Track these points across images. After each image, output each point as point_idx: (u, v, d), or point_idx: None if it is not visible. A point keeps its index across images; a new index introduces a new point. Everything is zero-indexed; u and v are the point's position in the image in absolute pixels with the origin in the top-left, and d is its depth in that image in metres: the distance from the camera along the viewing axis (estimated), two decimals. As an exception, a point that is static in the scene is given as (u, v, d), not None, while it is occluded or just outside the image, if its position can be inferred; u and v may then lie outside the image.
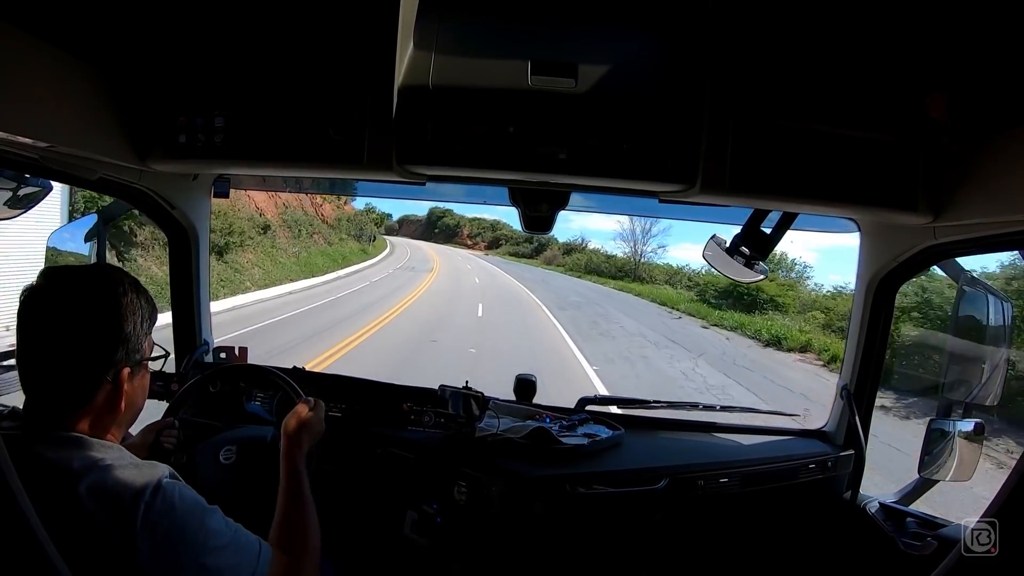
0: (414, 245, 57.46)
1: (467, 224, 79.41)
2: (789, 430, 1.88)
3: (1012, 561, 0.63)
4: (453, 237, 77.49)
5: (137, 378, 0.90)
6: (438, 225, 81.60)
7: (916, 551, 1.39)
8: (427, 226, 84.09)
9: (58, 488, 0.77)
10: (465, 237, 76.49)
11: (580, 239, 53.30)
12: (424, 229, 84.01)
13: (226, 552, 0.85)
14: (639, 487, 1.50)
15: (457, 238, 77.43)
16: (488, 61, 1.14)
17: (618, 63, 1.14)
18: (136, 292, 0.90)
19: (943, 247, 1.33)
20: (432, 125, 1.13)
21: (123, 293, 0.88)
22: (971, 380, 1.48)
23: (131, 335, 0.88)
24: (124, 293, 0.88)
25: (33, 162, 1.15)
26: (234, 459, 1.32)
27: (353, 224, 32.36)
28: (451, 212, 79.90)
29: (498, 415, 1.68)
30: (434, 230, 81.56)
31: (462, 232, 77.93)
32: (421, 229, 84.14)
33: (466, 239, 75.82)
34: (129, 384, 0.88)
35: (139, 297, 0.90)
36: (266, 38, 1.16)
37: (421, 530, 1.52)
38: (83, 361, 0.84)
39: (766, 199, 1.19)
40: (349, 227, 31.26)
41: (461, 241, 76.39)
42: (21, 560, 0.62)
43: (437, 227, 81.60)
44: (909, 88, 1.09)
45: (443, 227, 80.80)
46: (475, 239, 74.51)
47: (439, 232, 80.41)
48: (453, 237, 77.49)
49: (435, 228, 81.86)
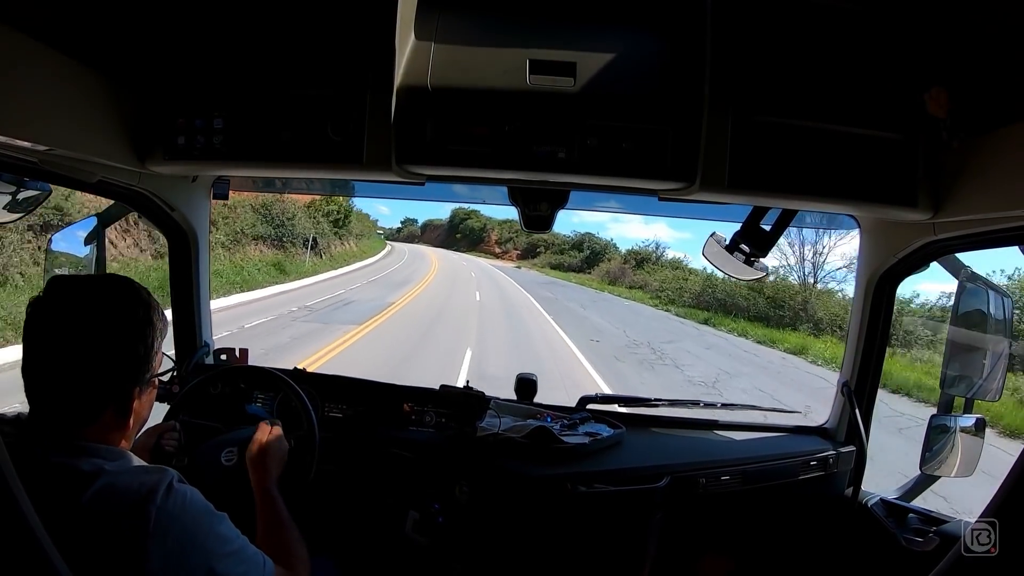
0: (418, 254, 45.82)
1: (495, 227, 64.57)
2: (790, 427, 1.88)
3: (1012, 561, 0.63)
4: (478, 244, 64.85)
5: (145, 394, 0.90)
6: (460, 229, 69.93)
7: (918, 547, 1.39)
8: (449, 231, 73.20)
9: (66, 492, 0.76)
10: (492, 243, 62.61)
11: (653, 246, 36.97)
12: (446, 235, 73.12)
13: (235, 559, 0.85)
14: (640, 485, 1.50)
15: (483, 245, 64.18)
16: (487, 61, 1.14)
17: (617, 62, 1.14)
18: (151, 309, 0.88)
19: (943, 243, 1.33)
20: (431, 125, 1.13)
21: (141, 313, 0.87)
22: (972, 376, 1.48)
23: (144, 355, 0.87)
24: (141, 313, 0.87)
25: (33, 165, 1.15)
26: (235, 460, 1.32)
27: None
28: (477, 214, 66.39)
29: (499, 414, 1.68)
30: (456, 235, 70.45)
31: (488, 237, 64.19)
32: (443, 234, 73.64)
33: (494, 246, 61.97)
34: (138, 401, 0.88)
35: (153, 314, 0.88)
36: (265, 39, 1.16)
37: (423, 530, 1.52)
38: (96, 381, 0.83)
39: (765, 196, 1.19)
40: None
41: (487, 249, 62.35)
42: (21, 564, 0.62)
43: (460, 231, 70.08)
44: (908, 84, 1.09)
45: (466, 231, 68.55)
46: (504, 246, 60.28)
47: (462, 238, 69.03)
48: (478, 244, 64.85)
49: (457, 233, 70.44)
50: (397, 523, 1.55)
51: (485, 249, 61.68)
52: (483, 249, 61.68)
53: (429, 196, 1.56)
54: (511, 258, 55.05)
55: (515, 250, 57.14)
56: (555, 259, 45.03)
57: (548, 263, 44.74)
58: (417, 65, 1.14)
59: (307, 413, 1.44)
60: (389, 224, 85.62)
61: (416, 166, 1.17)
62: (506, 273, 34.98)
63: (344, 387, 1.79)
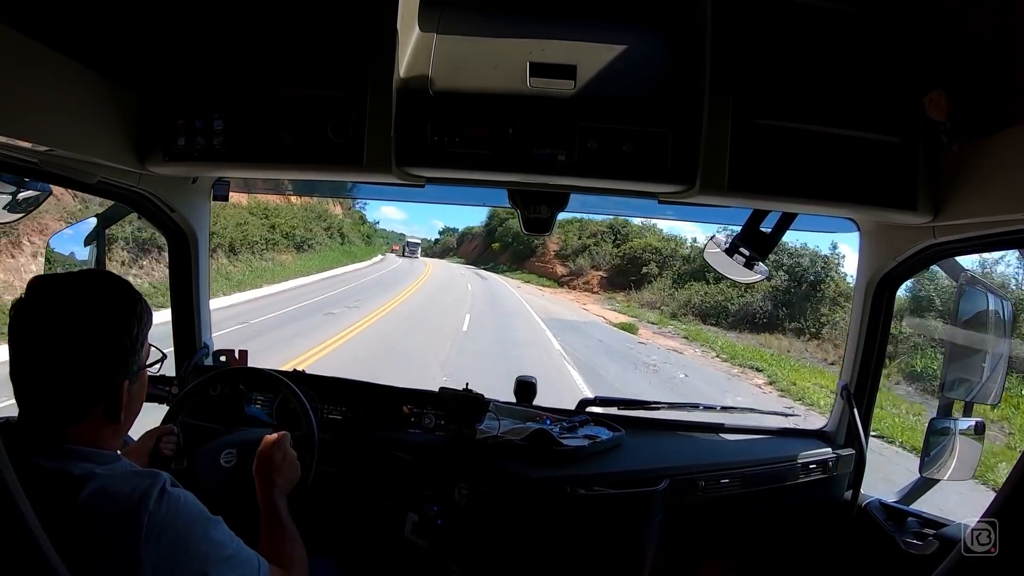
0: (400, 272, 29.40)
1: (557, 232, 22.03)
2: (789, 430, 1.88)
3: (1012, 561, 0.63)
4: (526, 258, 37.71)
5: (135, 387, 0.89)
6: (499, 234, 44.20)
7: (917, 550, 1.39)
8: (486, 238, 50.92)
9: (57, 497, 0.75)
10: (550, 258, 33.72)
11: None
12: (483, 245, 51.85)
13: (229, 564, 0.84)
14: (639, 488, 1.50)
15: (535, 260, 35.96)
16: (487, 63, 1.14)
17: (617, 64, 1.14)
18: (133, 300, 0.88)
19: (942, 246, 1.33)
20: (431, 127, 1.13)
21: (122, 306, 0.86)
22: (971, 379, 1.48)
23: (131, 348, 0.86)
24: (123, 306, 0.86)
25: (33, 166, 1.15)
26: (235, 461, 1.32)
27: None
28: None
29: (498, 417, 1.68)
30: (492, 243, 46.68)
31: (546, 249, 34.43)
32: (480, 245, 53.51)
33: (553, 263, 33.04)
34: (128, 394, 0.87)
35: (137, 305, 0.88)
36: (265, 40, 1.16)
37: (421, 532, 1.52)
38: (83, 378, 0.83)
39: (765, 199, 1.19)
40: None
41: (542, 268, 33.86)
42: (22, 567, 0.62)
43: (497, 238, 44.97)
44: (907, 87, 1.09)
45: (508, 238, 41.69)
46: (572, 262, 30.63)
47: (502, 248, 44.07)
48: (526, 258, 37.71)
49: (494, 240, 46.23)
50: (396, 525, 1.55)
51: (539, 268, 34.18)
52: (535, 268, 34.74)
53: (429, 198, 1.56)
54: (589, 288, 27.12)
55: (595, 271, 28.43)
56: (701, 295, 19.73)
57: (683, 307, 19.93)
58: (417, 67, 1.14)
59: (306, 415, 1.44)
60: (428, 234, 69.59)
61: (416, 168, 1.17)
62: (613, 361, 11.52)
63: (343, 389, 1.79)
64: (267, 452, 1.17)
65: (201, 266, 1.85)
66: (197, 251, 1.82)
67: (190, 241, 1.79)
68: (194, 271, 1.84)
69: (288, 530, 1.09)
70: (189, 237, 1.78)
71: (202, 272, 1.86)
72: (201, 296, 1.88)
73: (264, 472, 1.15)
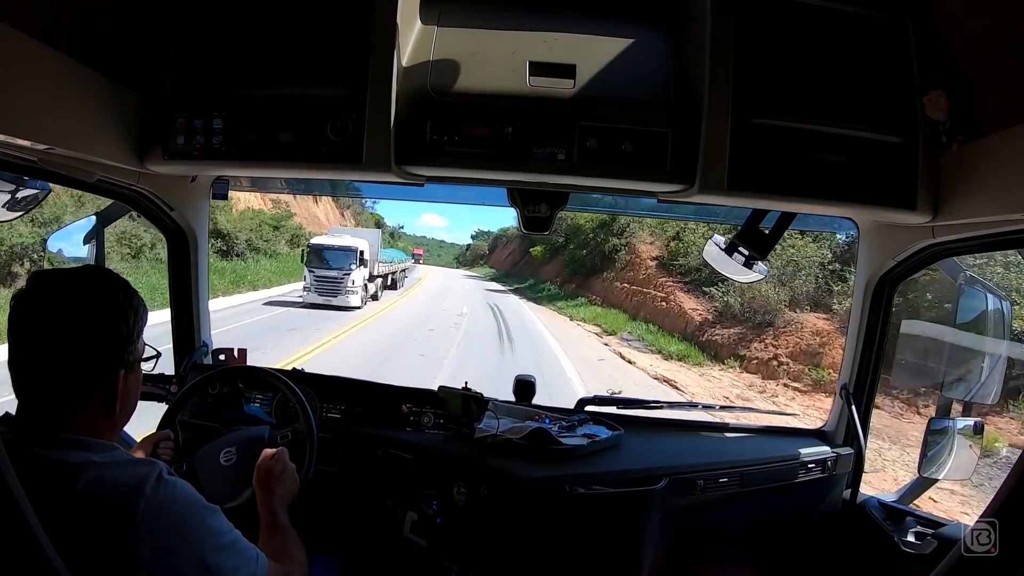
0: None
1: (644, 228, 16.93)
2: (788, 429, 1.88)
3: (1012, 561, 0.63)
4: (594, 274, 21.01)
5: (132, 378, 0.90)
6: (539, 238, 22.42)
7: (916, 550, 1.39)
8: (522, 244, 37.35)
9: (55, 486, 0.77)
10: (651, 271, 15.87)
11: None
12: (518, 254, 39.09)
13: (227, 552, 0.85)
14: (638, 487, 1.50)
15: (615, 278, 18.53)
16: (487, 62, 1.14)
17: (616, 64, 1.14)
18: (129, 295, 0.90)
19: (942, 246, 1.33)
20: (431, 126, 1.13)
21: (118, 298, 0.88)
22: (970, 379, 1.48)
23: (127, 340, 0.88)
24: (119, 298, 0.88)
25: (32, 164, 1.15)
26: (234, 460, 1.32)
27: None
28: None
29: (497, 416, 1.68)
30: (531, 250, 33.30)
31: (634, 249, 17.86)
32: (517, 251, 39.88)
33: (663, 285, 14.36)
34: (124, 386, 0.88)
35: (132, 299, 0.90)
36: (265, 39, 1.16)
37: (421, 531, 1.52)
38: (81, 368, 0.84)
39: (764, 199, 1.19)
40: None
41: (639, 301, 15.42)
42: (19, 560, 0.62)
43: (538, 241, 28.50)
44: (907, 87, 1.09)
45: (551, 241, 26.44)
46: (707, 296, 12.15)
47: (546, 256, 30.36)
48: (594, 274, 21.01)
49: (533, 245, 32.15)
50: (395, 524, 1.55)
51: (624, 298, 17.29)
52: (617, 297, 17.85)
53: (429, 197, 1.56)
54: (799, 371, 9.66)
55: (809, 311, 10.76)
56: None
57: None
58: (417, 66, 1.14)
59: (306, 414, 1.44)
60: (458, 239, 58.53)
61: (415, 167, 1.17)
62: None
63: (343, 387, 1.79)
64: (267, 464, 1.19)
65: (200, 265, 1.85)
66: (196, 250, 1.82)
67: (189, 240, 1.79)
68: (193, 270, 1.84)
69: (288, 532, 1.10)
70: (188, 236, 1.78)
71: (201, 271, 1.86)
72: (200, 295, 1.88)
73: (264, 483, 1.17)
